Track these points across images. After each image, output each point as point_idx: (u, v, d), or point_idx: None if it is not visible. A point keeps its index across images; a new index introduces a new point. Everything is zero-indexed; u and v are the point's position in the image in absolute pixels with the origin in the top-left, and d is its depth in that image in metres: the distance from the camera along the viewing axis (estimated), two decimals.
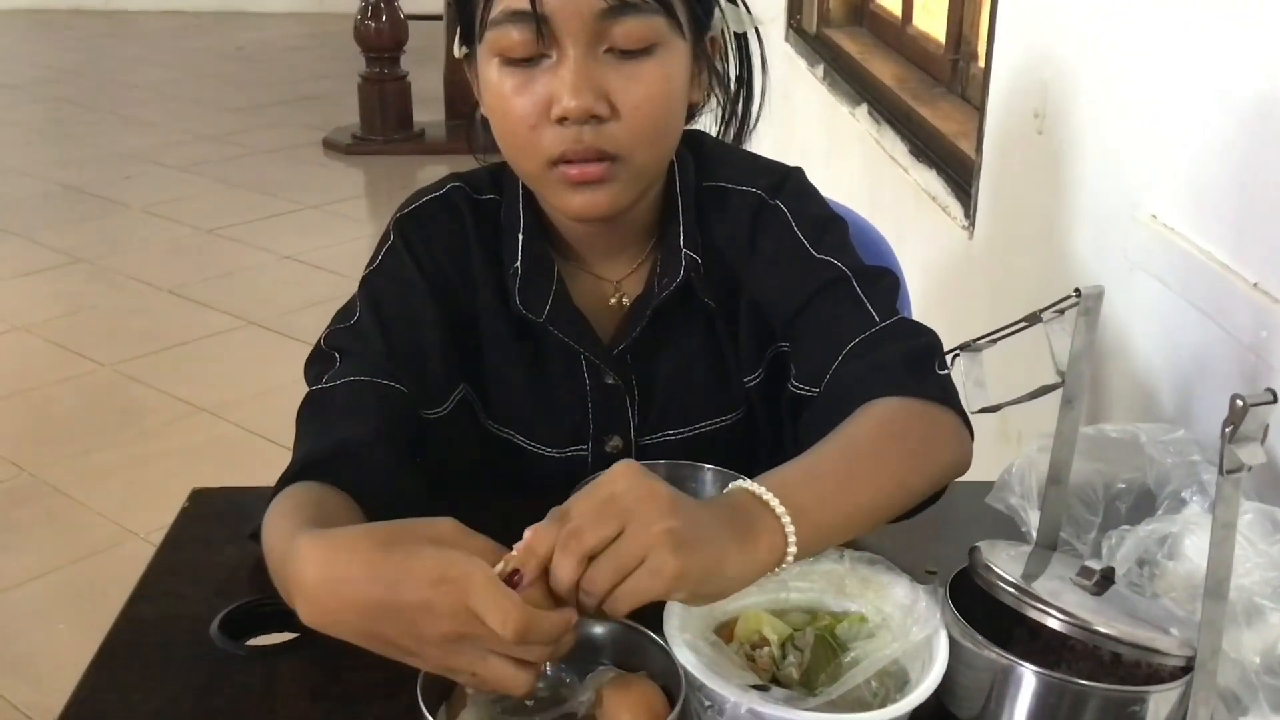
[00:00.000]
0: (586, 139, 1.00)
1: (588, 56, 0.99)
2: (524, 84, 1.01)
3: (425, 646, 0.77)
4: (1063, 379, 0.92)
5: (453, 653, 0.76)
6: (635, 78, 1.00)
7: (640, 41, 1.00)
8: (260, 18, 8.29)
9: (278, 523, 0.91)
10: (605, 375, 1.15)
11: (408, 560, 0.77)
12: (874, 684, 0.83)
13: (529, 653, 0.76)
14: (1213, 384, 1.21)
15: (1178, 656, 0.83)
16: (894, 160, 2.44)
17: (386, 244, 1.14)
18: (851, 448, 0.96)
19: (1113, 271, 1.41)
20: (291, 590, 0.82)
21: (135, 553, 2.56)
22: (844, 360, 1.06)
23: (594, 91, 0.99)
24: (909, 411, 1.00)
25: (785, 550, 0.84)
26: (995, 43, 1.87)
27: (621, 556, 0.77)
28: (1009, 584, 0.86)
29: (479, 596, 0.74)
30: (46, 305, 3.85)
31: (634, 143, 1.02)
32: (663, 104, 1.03)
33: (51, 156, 5.38)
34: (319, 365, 1.08)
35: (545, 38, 0.98)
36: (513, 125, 1.03)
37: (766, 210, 1.14)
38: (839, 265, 1.11)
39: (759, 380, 1.17)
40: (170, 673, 0.93)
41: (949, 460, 1.00)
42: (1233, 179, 1.19)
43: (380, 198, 5.14)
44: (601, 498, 0.79)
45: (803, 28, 3.40)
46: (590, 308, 1.15)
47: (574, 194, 1.04)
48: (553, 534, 0.78)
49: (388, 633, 0.78)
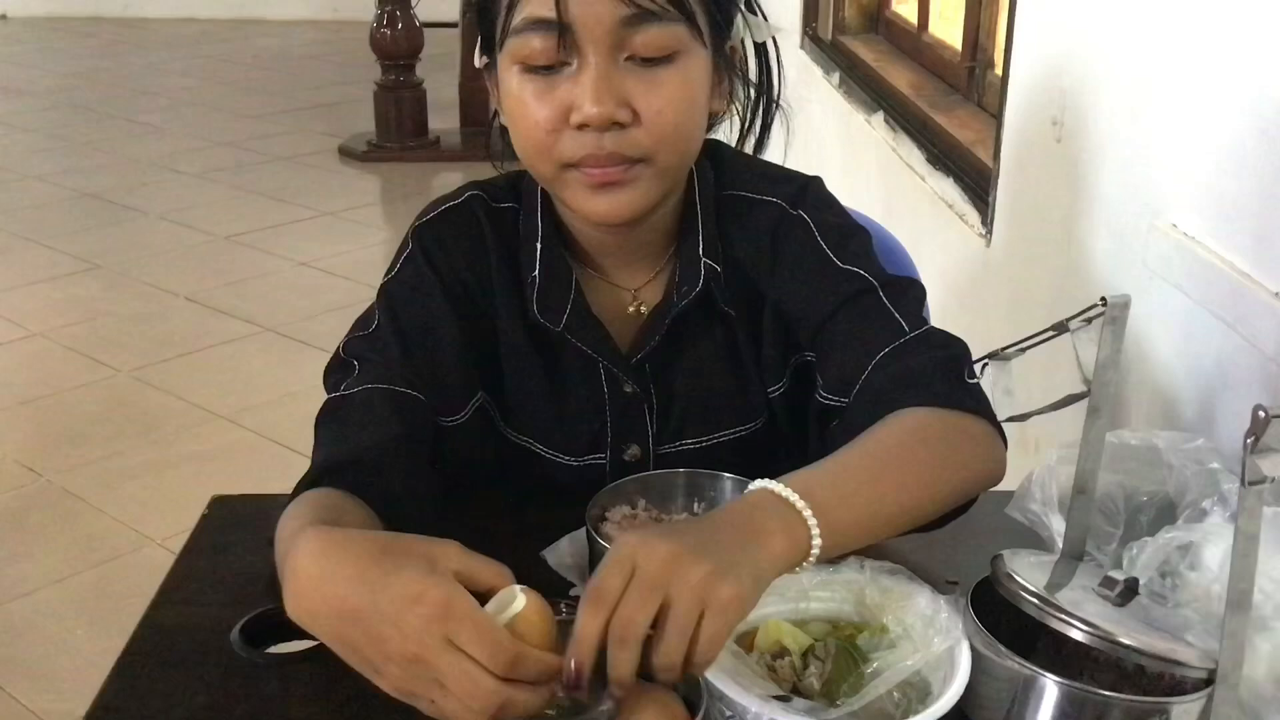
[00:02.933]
0: (608, 145, 1.01)
1: (609, 64, 0.99)
2: (544, 90, 1.01)
3: (388, 664, 0.76)
4: (1089, 388, 0.92)
5: (412, 677, 0.76)
6: (656, 85, 1.01)
7: (661, 50, 1.00)
8: (277, 25, 8.33)
9: (289, 523, 0.92)
10: (624, 384, 1.15)
11: (393, 572, 0.76)
12: (896, 695, 0.83)
13: (489, 701, 0.74)
14: (1234, 394, 1.20)
15: (1200, 668, 0.83)
16: (910, 168, 2.44)
17: (405, 253, 1.14)
18: (877, 451, 0.96)
19: (1132, 280, 1.40)
20: (285, 580, 0.82)
21: (152, 558, 2.57)
22: (873, 369, 1.06)
23: (615, 98, 0.99)
24: (939, 420, 1.00)
25: (809, 547, 0.85)
26: (1013, 51, 1.87)
27: (682, 621, 0.77)
28: (1032, 594, 0.86)
29: (459, 625, 0.74)
30: (63, 311, 3.86)
31: (656, 147, 1.02)
32: (684, 110, 1.03)
33: (69, 163, 5.40)
34: (338, 373, 1.09)
35: (566, 46, 0.98)
36: (532, 130, 1.03)
37: (788, 220, 1.14)
38: (865, 276, 1.11)
39: (783, 390, 1.17)
40: (191, 679, 0.93)
41: (979, 469, 1.00)
42: (1253, 188, 1.19)
43: (395, 204, 5.15)
44: (639, 581, 0.77)
45: (818, 35, 3.40)
46: (608, 316, 1.15)
47: (595, 197, 1.04)
48: (598, 622, 0.77)
49: (356, 640, 0.77)
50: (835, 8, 3.35)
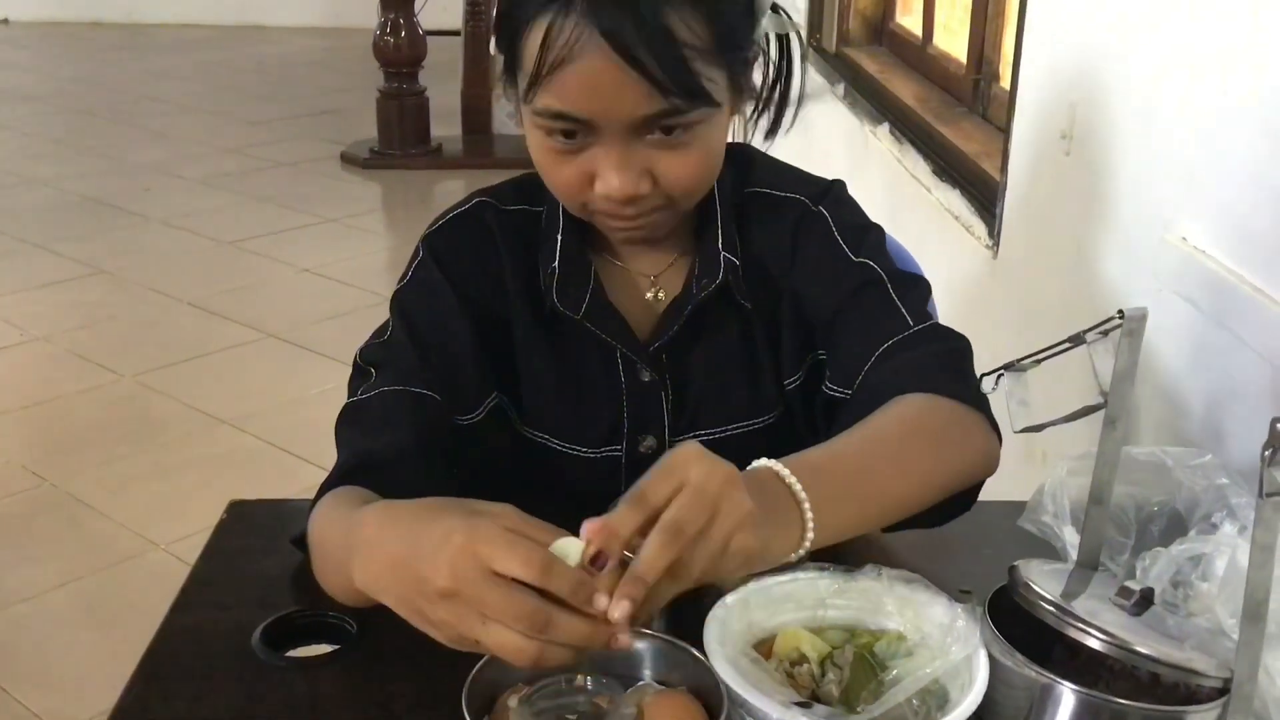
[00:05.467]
0: (629, 211, 1.04)
1: (631, 143, 1.01)
2: (567, 153, 1.03)
3: (435, 609, 0.77)
4: (1105, 399, 0.93)
5: (457, 617, 0.76)
6: (680, 155, 1.02)
7: (684, 128, 1.01)
8: (279, 32, 8.34)
9: (329, 514, 0.95)
10: (641, 372, 1.16)
11: (434, 521, 0.79)
12: (915, 702, 0.84)
13: (532, 619, 0.74)
14: (1246, 406, 1.21)
15: (1215, 678, 0.84)
16: (916, 179, 2.45)
17: (416, 260, 1.16)
18: (875, 436, 0.99)
19: (1142, 293, 1.41)
20: (352, 555, 0.85)
21: (156, 563, 2.57)
22: (876, 362, 1.08)
23: (638, 171, 1.01)
24: (936, 407, 1.02)
25: (803, 536, 0.88)
26: (1022, 64, 1.88)
27: (714, 544, 0.79)
28: (1049, 603, 0.86)
29: (489, 547, 0.75)
30: (66, 316, 3.86)
31: (679, 199, 1.06)
32: (707, 169, 1.06)
33: (71, 168, 5.40)
34: (356, 380, 1.11)
35: (586, 127, 1.00)
36: (554, 179, 1.06)
37: (809, 216, 1.16)
38: (875, 268, 1.13)
39: (799, 382, 1.18)
40: (213, 684, 0.94)
41: (973, 458, 1.03)
42: (1264, 200, 1.20)
43: (398, 211, 5.16)
44: (692, 488, 0.79)
45: (823, 47, 3.41)
46: (626, 304, 1.16)
47: (618, 227, 1.08)
48: (634, 519, 0.78)
49: (406, 590, 0.79)
50: (840, 19, 3.36)
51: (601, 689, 0.86)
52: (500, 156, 5.21)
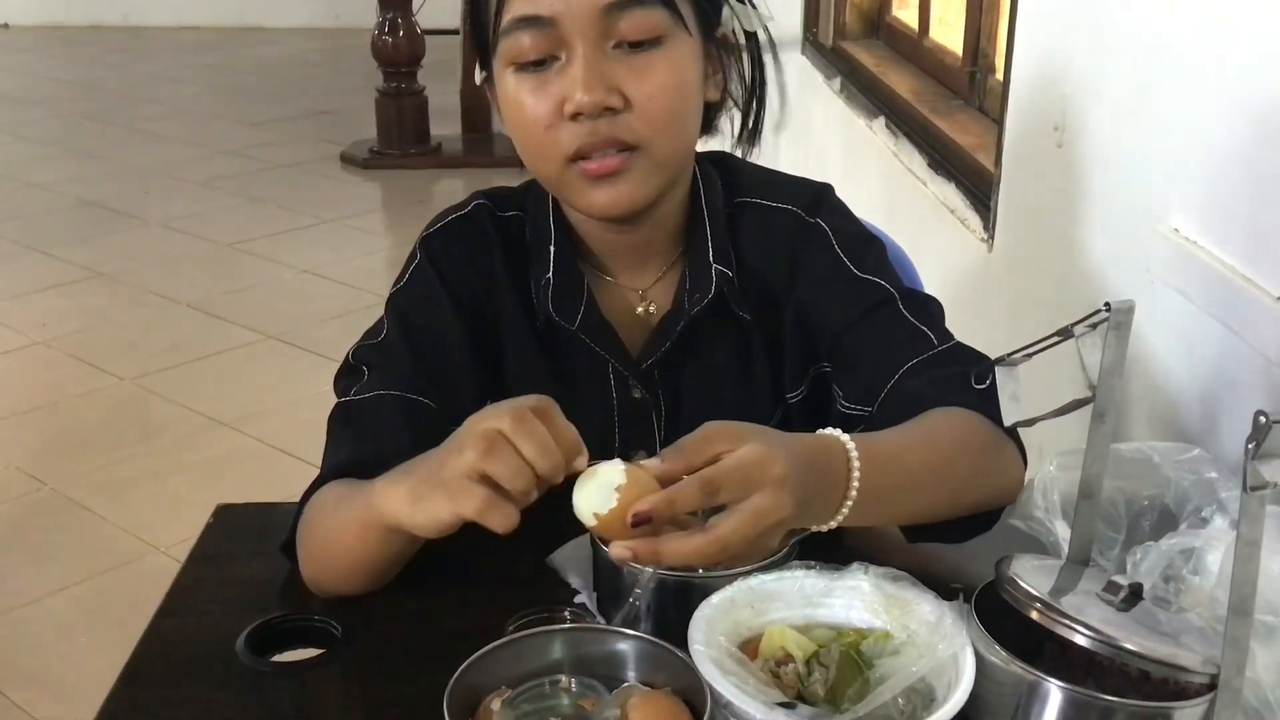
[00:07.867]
0: (602, 131, 1.03)
1: (597, 52, 1.02)
2: (538, 87, 1.04)
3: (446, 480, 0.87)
4: (1094, 393, 0.92)
5: (461, 489, 0.86)
6: (645, 69, 1.03)
7: (647, 33, 1.03)
8: (278, 32, 8.34)
9: (324, 503, 1.00)
10: (633, 389, 1.15)
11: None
12: (901, 701, 0.83)
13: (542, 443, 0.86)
14: (1236, 398, 1.20)
15: (1203, 673, 0.83)
16: (912, 173, 2.44)
17: (413, 263, 1.16)
18: (928, 439, 1.00)
19: (1134, 285, 1.40)
20: (384, 513, 0.92)
21: (156, 566, 2.57)
22: (903, 377, 1.08)
23: (605, 85, 1.02)
24: (979, 425, 1.03)
25: (834, 515, 0.91)
26: (1014, 56, 1.87)
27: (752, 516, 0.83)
28: (1036, 599, 0.86)
29: (488, 411, 0.87)
30: (66, 319, 3.86)
31: (650, 131, 1.04)
32: (676, 93, 1.05)
33: (70, 171, 5.41)
34: (347, 379, 1.11)
35: (554, 39, 1.01)
36: (531, 129, 1.05)
37: (806, 229, 1.15)
38: (885, 286, 1.13)
39: (801, 396, 1.18)
40: (197, 688, 0.94)
41: (1005, 481, 1.04)
42: (1255, 192, 1.19)
43: (397, 211, 5.16)
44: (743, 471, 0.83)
45: (819, 40, 3.40)
46: (618, 319, 1.16)
47: (595, 190, 1.06)
48: (679, 466, 0.85)
49: (423, 488, 0.89)
50: (836, 13, 3.35)
51: (585, 691, 0.85)
52: (500, 155, 5.19)
